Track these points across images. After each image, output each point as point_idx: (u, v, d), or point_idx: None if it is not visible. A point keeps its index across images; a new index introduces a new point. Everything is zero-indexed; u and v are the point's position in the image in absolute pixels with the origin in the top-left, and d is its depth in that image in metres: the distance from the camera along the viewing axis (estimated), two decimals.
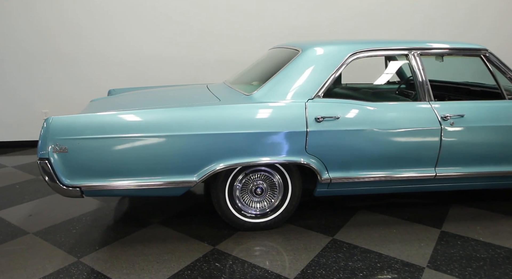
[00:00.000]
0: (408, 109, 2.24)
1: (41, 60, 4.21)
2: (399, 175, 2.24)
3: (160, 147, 1.95)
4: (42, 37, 4.16)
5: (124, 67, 4.36)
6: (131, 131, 1.91)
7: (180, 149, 1.97)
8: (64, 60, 4.26)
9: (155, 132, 1.93)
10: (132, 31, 4.28)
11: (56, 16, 4.13)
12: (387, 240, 2.16)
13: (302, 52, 2.26)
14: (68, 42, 4.21)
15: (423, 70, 2.30)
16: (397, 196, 2.82)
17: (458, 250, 2.04)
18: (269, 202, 2.28)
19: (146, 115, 1.95)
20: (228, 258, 1.94)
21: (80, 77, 4.33)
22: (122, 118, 1.92)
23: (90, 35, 4.24)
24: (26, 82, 4.25)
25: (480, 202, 2.70)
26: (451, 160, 2.27)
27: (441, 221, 2.41)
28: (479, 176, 2.32)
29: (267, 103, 2.10)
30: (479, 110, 2.27)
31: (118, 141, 1.90)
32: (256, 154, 2.06)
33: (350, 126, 2.11)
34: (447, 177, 2.29)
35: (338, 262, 1.92)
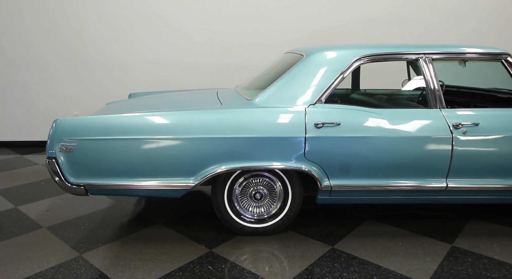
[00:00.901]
0: (416, 116, 2.13)
1: (82, 65, 4.51)
2: (406, 184, 2.14)
3: (158, 149, 2.01)
4: (87, 44, 4.44)
5: (146, 73, 4.54)
6: (131, 133, 1.98)
7: (177, 151, 2.02)
8: (96, 66, 4.53)
9: (154, 135, 1.99)
10: (152, 40, 4.44)
11: (98, 22, 4.41)
12: (390, 252, 2.06)
13: (306, 57, 2.23)
14: (103, 48, 4.48)
15: (434, 76, 2.19)
16: (411, 207, 2.69)
17: (466, 267, 1.90)
18: (268, 207, 2.26)
19: (146, 119, 2.02)
20: (221, 262, 1.94)
21: (108, 82, 4.57)
22: (123, 121, 2.00)
23: (114, 44, 4.47)
24: (62, 86, 4.55)
25: (503, 218, 2.50)
26: (464, 171, 2.13)
27: (454, 235, 2.26)
28: (496, 190, 2.15)
29: (266, 108, 2.09)
30: (496, 119, 2.11)
31: (119, 142, 1.98)
32: (253, 158, 2.05)
33: (352, 133, 2.05)
34: (460, 189, 2.15)
35: (333, 272, 1.85)
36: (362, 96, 3.11)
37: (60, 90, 4.59)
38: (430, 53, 2.21)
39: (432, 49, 2.22)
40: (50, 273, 1.83)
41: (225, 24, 4.42)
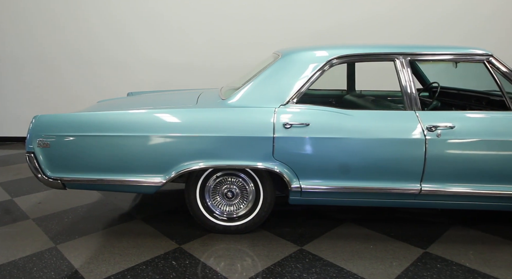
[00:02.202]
0: (389, 118, 2.09)
1: (87, 65, 4.69)
2: (378, 187, 2.10)
3: (130, 147, 2.07)
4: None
5: (150, 73, 4.66)
6: (104, 130, 2.05)
7: (148, 149, 2.07)
8: (101, 66, 4.70)
9: (125, 133, 2.05)
10: (156, 41, 4.56)
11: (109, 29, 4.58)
12: (358, 255, 2.03)
13: (280, 57, 2.23)
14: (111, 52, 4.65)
15: (410, 77, 2.14)
16: (394, 211, 2.63)
17: (432, 273, 1.85)
18: (240, 206, 2.28)
19: (118, 116, 2.09)
20: (186, 258, 1.98)
21: (113, 81, 4.72)
22: (97, 118, 2.07)
23: (118, 45, 4.62)
24: (68, 85, 4.75)
25: (487, 224, 2.41)
26: (439, 175, 2.07)
27: (430, 241, 2.20)
28: (471, 195, 2.08)
29: (236, 108, 2.12)
30: (472, 122, 2.04)
31: (93, 139, 2.05)
32: (222, 157, 2.08)
33: (321, 134, 2.04)
34: (434, 193, 2.09)
35: (293, 272, 1.85)
36: (352, 98, 3.07)
37: (65, 88, 4.78)
38: (407, 54, 2.16)
39: (410, 50, 2.17)
40: (22, 261, 1.93)
41: (227, 24, 4.48)
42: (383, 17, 4.31)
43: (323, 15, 4.38)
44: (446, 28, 4.23)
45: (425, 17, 4.25)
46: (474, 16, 4.19)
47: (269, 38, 4.43)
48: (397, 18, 4.29)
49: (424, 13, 4.25)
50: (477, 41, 4.12)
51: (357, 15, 4.34)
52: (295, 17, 4.40)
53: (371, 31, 4.35)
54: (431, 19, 4.24)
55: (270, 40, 4.42)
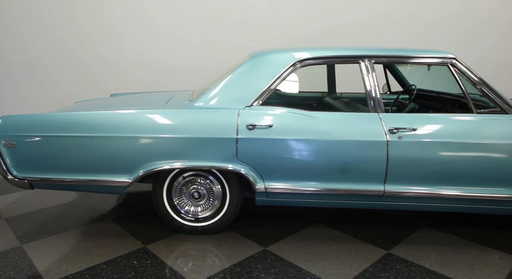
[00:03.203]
0: (352, 120, 2.11)
1: (78, 66, 4.70)
2: (342, 188, 2.12)
3: (96, 147, 2.09)
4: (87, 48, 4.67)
5: (141, 74, 4.67)
6: (69, 131, 2.07)
7: (113, 149, 2.09)
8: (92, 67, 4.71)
9: (91, 133, 2.08)
10: (149, 43, 4.58)
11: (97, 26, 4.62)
12: (320, 256, 2.04)
13: (247, 60, 2.26)
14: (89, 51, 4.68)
15: (374, 79, 2.16)
16: (365, 213, 2.64)
17: (389, 274, 1.86)
18: (206, 207, 2.30)
19: (84, 117, 2.11)
20: (148, 258, 2.00)
21: (104, 82, 4.73)
22: (62, 118, 2.10)
23: (105, 45, 4.64)
24: (58, 86, 4.75)
25: (455, 226, 2.42)
26: (402, 177, 2.08)
27: (396, 242, 2.21)
28: (435, 197, 2.09)
29: (201, 109, 2.14)
30: (435, 124, 2.06)
31: (58, 139, 2.08)
32: (187, 158, 2.10)
33: (284, 135, 2.06)
34: (398, 194, 2.10)
35: (251, 273, 1.87)
36: (330, 100, 3.09)
37: (56, 90, 4.80)
38: (371, 57, 2.18)
39: (375, 52, 2.19)
40: None
41: (218, 26, 4.49)
42: (372, 20, 4.33)
43: (315, 17, 4.38)
44: (440, 30, 4.25)
45: (420, 19, 4.27)
46: (473, 17, 4.21)
47: (262, 41, 4.41)
48: (389, 20, 4.31)
49: (420, 15, 4.27)
50: (475, 43, 4.16)
51: (353, 17, 4.36)
52: (289, 20, 4.41)
53: (360, 34, 4.37)
54: (426, 20, 4.27)
55: (263, 43, 4.42)
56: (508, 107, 2.07)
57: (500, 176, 2.02)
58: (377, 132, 2.05)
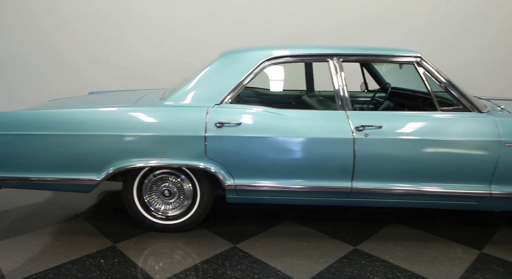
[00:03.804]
0: (319, 118, 2.14)
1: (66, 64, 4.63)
2: (310, 185, 2.14)
3: (64, 146, 2.07)
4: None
5: (122, 71, 4.62)
6: (36, 129, 2.05)
7: (82, 148, 2.08)
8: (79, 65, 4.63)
9: (59, 131, 2.06)
10: (131, 38, 4.52)
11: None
12: (288, 253, 2.07)
13: (218, 58, 2.26)
14: (71, 47, 4.60)
15: (342, 77, 2.19)
16: (338, 210, 2.68)
17: (354, 269, 1.90)
18: (177, 205, 2.30)
19: (53, 115, 2.09)
20: (116, 256, 2.00)
21: (92, 80, 4.65)
22: (30, 116, 2.08)
23: (91, 41, 4.57)
24: (46, 84, 4.66)
25: (424, 222, 2.47)
26: (369, 174, 2.11)
27: (364, 238, 2.25)
28: (401, 193, 2.13)
29: (170, 107, 2.14)
30: (400, 122, 2.10)
31: (26, 138, 2.05)
32: (156, 156, 2.10)
33: (252, 133, 2.07)
34: (365, 191, 2.14)
35: (218, 269, 1.88)
36: (306, 98, 3.12)
37: (43, 88, 4.70)
38: (339, 55, 2.21)
39: (343, 50, 2.22)
40: None
41: (200, 23, 4.47)
42: (362, 21, 4.37)
43: (308, 16, 4.41)
44: (429, 31, 4.32)
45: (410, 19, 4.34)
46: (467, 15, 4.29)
47: (253, 41, 4.42)
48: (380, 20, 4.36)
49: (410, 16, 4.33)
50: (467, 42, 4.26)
51: (347, 16, 4.40)
52: (282, 19, 4.41)
53: (361, 32, 4.40)
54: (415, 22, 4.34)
55: (254, 42, 4.43)
56: (470, 105, 2.12)
57: (462, 172, 2.07)
58: (344, 130, 2.08)
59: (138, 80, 4.64)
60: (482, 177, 2.07)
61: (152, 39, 4.52)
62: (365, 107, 3.40)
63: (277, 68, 3.30)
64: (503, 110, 2.23)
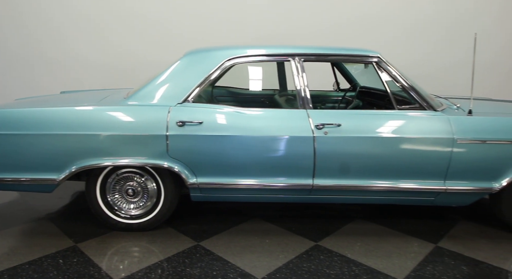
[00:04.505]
0: (280, 117, 2.18)
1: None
2: (272, 183, 2.18)
3: (26, 145, 2.05)
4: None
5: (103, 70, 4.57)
6: None
7: (43, 147, 2.07)
8: None
9: (20, 131, 2.04)
10: (116, 36, 4.48)
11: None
12: (250, 250, 2.09)
13: (182, 57, 2.28)
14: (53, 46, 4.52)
15: (303, 77, 2.23)
16: (306, 207, 2.72)
17: (311, 264, 1.94)
18: (141, 204, 2.30)
19: (12, 114, 2.07)
20: (76, 256, 1.99)
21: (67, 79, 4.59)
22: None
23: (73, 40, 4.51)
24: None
25: (386, 218, 2.53)
26: (329, 171, 2.16)
27: (326, 234, 2.29)
28: (362, 190, 2.19)
29: (132, 106, 2.14)
30: (359, 120, 2.15)
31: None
32: (118, 155, 2.10)
33: (214, 132, 2.09)
34: (326, 188, 2.18)
35: (177, 267, 1.90)
36: (276, 98, 3.15)
37: (30, 87, 4.60)
38: (300, 55, 2.24)
39: (303, 50, 2.26)
40: None
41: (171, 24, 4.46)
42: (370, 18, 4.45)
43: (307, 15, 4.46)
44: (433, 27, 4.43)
45: None
46: None
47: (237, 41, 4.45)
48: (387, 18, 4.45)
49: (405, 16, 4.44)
50: None
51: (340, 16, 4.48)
52: (268, 19, 4.44)
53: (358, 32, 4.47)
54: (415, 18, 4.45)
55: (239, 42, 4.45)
56: (426, 104, 2.19)
57: (418, 168, 2.14)
58: (304, 128, 2.12)
59: (128, 80, 4.60)
60: (437, 173, 2.14)
61: (141, 37, 4.48)
62: (336, 106, 3.46)
63: (249, 68, 3.32)
64: (458, 108, 2.31)
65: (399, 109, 2.19)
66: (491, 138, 2.07)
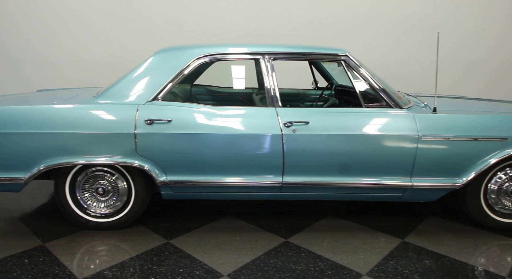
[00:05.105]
0: (250, 115, 2.19)
1: None
2: (242, 181, 2.19)
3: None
4: None
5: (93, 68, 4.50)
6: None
7: (9, 146, 2.05)
8: None
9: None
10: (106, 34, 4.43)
11: None
12: (219, 247, 2.11)
13: (151, 56, 2.27)
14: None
15: (272, 75, 2.25)
16: (281, 205, 2.75)
17: (278, 261, 1.96)
18: (109, 203, 2.29)
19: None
20: (42, 255, 1.97)
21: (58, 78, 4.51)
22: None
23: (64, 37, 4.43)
24: None
25: (357, 215, 2.56)
26: (298, 168, 2.19)
27: (297, 231, 2.32)
28: (331, 186, 2.22)
29: (102, 105, 2.14)
30: (326, 118, 2.18)
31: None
32: (86, 154, 2.09)
33: (183, 130, 2.10)
34: (296, 185, 2.21)
35: (144, 265, 1.90)
36: (253, 96, 3.17)
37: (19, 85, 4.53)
38: (269, 53, 2.26)
39: (272, 49, 2.28)
40: None
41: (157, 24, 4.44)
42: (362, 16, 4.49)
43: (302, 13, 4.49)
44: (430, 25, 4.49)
45: None
46: None
47: None
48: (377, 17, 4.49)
49: None
50: None
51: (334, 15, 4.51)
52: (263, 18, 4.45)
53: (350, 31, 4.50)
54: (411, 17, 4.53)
55: None
56: (393, 102, 2.23)
57: (385, 165, 2.18)
58: (273, 126, 2.14)
59: None
60: (404, 169, 2.19)
61: (131, 35, 4.42)
62: (314, 104, 3.49)
63: (228, 66, 3.33)
64: (426, 106, 2.35)
65: (366, 107, 2.23)
66: (454, 136, 2.12)
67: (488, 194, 2.28)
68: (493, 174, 2.25)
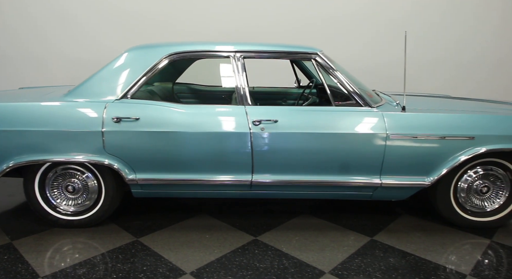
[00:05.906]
0: (218, 113, 2.19)
1: None
2: (212, 179, 2.19)
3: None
4: None
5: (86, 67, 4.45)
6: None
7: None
8: None
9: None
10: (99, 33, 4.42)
11: None
12: (187, 245, 2.11)
13: (121, 54, 2.27)
14: None
15: (243, 73, 2.24)
16: (255, 203, 2.75)
17: (244, 258, 1.96)
18: (79, 200, 2.29)
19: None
20: (7, 253, 1.97)
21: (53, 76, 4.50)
22: None
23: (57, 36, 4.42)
24: None
25: (331, 213, 2.56)
26: (267, 166, 2.19)
27: (267, 230, 2.32)
28: (300, 185, 2.22)
29: (70, 103, 2.14)
30: (295, 116, 2.18)
31: None
32: (54, 152, 2.09)
33: (150, 128, 2.10)
34: (265, 183, 2.21)
35: (108, 263, 1.90)
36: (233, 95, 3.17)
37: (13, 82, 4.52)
38: (239, 52, 2.26)
39: (243, 47, 2.27)
40: None
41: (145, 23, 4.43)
42: None
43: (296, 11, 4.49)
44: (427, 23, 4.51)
45: None
46: None
47: None
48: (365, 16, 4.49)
49: None
50: None
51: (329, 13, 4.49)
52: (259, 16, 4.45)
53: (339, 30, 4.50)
54: None
55: None
56: (362, 101, 2.23)
57: (354, 164, 2.18)
58: (242, 124, 2.13)
59: None
60: (373, 168, 2.19)
61: (123, 33, 4.41)
62: (296, 102, 3.49)
63: (211, 65, 3.33)
64: (398, 105, 2.35)
65: (336, 106, 2.23)
66: (422, 134, 2.12)
67: (458, 192, 2.29)
68: (463, 172, 2.26)
